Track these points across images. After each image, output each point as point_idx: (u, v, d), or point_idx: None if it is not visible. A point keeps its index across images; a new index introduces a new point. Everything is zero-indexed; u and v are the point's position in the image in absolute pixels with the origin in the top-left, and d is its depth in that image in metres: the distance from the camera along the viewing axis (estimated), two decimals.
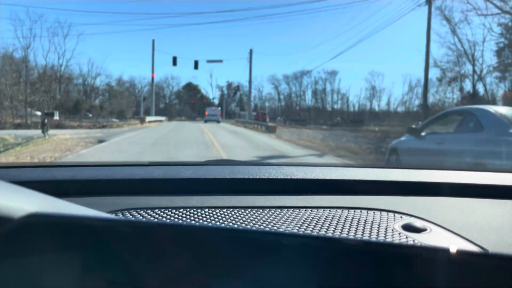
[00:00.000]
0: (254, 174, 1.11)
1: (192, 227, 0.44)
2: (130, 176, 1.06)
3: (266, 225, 0.82)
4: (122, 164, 1.33)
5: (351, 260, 0.39)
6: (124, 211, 0.86)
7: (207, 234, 0.41)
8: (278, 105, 73.66)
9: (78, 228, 0.41)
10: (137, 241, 0.40)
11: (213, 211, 0.88)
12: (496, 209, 0.97)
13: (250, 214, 0.88)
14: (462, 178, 1.20)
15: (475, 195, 1.06)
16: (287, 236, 0.42)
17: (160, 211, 0.88)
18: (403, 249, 0.40)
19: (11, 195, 0.41)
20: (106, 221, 0.44)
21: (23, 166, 1.20)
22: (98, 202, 0.88)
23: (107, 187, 1.00)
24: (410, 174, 1.26)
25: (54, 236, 0.40)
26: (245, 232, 0.44)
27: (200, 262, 0.39)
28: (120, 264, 0.40)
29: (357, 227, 0.83)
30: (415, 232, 0.81)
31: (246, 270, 0.39)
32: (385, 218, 0.89)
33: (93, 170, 1.13)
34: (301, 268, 0.39)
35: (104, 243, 0.40)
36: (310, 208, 0.93)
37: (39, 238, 0.40)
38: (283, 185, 1.08)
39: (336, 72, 65.70)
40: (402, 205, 0.96)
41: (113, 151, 11.04)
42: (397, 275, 0.38)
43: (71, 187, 0.98)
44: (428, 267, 0.37)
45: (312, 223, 0.84)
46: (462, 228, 0.82)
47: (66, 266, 0.40)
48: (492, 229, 0.83)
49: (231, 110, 68.84)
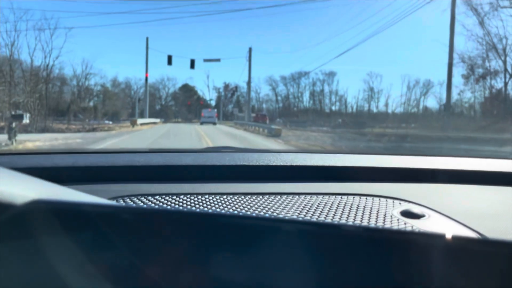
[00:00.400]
0: (254, 161, 1.12)
1: (192, 214, 0.45)
2: (131, 163, 1.06)
3: (266, 212, 0.83)
4: (123, 151, 1.38)
5: (350, 246, 0.39)
6: (125, 197, 0.87)
7: (207, 220, 0.41)
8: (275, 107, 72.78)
9: (79, 215, 0.41)
10: (138, 227, 0.41)
11: (213, 198, 0.89)
12: (494, 196, 0.98)
13: (250, 201, 0.88)
14: (461, 164, 1.21)
15: (473, 181, 1.06)
16: (286, 222, 0.43)
17: (161, 197, 0.88)
18: (402, 235, 0.40)
19: (13, 182, 0.41)
20: (107, 208, 0.45)
21: (25, 153, 1.23)
22: (99, 189, 0.89)
23: (108, 173, 1.01)
24: (409, 161, 1.28)
25: (55, 223, 0.40)
26: (245, 218, 0.44)
27: (201, 248, 0.40)
28: (121, 250, 0.40)
29: (356, 213, 0.84)
30: (413, 218, 0.81)
31: (246, 256, 0.40)
32: (384, 204, 0.89)
33: (95, 157, 1.14)
34: (300, 254, 0.39)
35: (105, 230, 0.40)
36: (309, 195, 0.93)
37: (40, 224, 0.40)
38: (283, 172, 1.09)
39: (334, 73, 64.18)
40: (401, 192, 0.97)
41: None
42: (396, 261, 0.38)
43: (72, 174, 0.99)
44: (426, 253, 0.37)
45: (312, 209, 0.85)
46: (460, 214, 0.83)
47: (68, 252, 0.40)
48: (490, 216, 0.84)
49: (228, 112, 68.20)
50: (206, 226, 0.40)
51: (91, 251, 0.40)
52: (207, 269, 0.39)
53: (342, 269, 0.38)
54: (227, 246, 0.39)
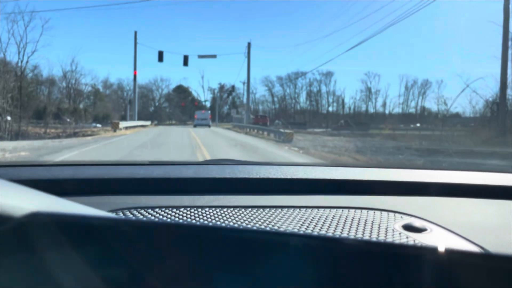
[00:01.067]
0: (254, 173, 1.12)
1: (192, 227, 0.44)
2: (131, 175, 1.06)
3: (266, 225, 0.82)
4: (123, 163, 1.38)
5: (351, 260, 0.38)
6: (124, 210, 0.86)
7: (207, 233, 0.41)
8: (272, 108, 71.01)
9: (78, 227, 0.40)
10: (137, 240, 0.40)
11: (214, 211, 0.88)
12: (495, 210, 0.97)
13: (250, 214, 0.88)
14: (462, 178, 1.20)
15: (475, 195, 1.06)
16: (287, 235, 0.42)
17: (160, 210, 0.88)
18: (404, 249, 0.40)
19: (12, 194, 0.41)
20: (107, 220, 0.44)
21: (24, 165, 1.20)
22: (99, 201, 0.89)
23: (108, 186, 1.01)
24: (411, 174, 1.28)
25: (54, 235, 0.39)
26: (246, 231, 0.43)
27: (201, 261, 0.39)
28: (120, 263, 0.39)
29: (358, 227, 0.83)
30: (415, 232, 0.81)
31: (247, 270, 0.39)
32: (386, 218, 0.89)
33: (94, 169, 1.13)
34: (301, 268, 0.39)
35: (104, 242, 0.40)
36: (310, 208, 0.93)
37: (39, 237, 0.39)
38: (284, 185, 1.09)
39: (332, 74, 63.24)
40: (402, 205, 0.96)
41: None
42: (398, 275, 0.37)
43: (71, 186, 0.98)
44: (428, 267, 0.37)
45: (313, 223, 0.84)
46: (462, 228, 0.82)
47: (67, 265, 0.39)
48: (491, 229, 0.83)
49: (224, 113, 65.43)
50: (205, 239, 0.40)
51: (90, 264, 0.39)
52: (206, 283, 0.39)
53: (342, 283, 0.38)
54: (227, 259, 0.39)
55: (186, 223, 0.46)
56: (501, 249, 0.74)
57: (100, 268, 0.39)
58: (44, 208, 0.42)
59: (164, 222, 0.55)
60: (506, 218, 0.91)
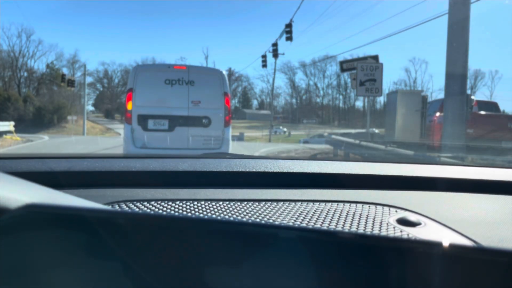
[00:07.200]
0: (250, 167, 1.12)
1: (188, 220, 0.45)
2: (127, 168, 1.06)
3: (262, 218, 0.83)
4: (119, 156, 1.35)
5: (346, 253, 0.39)
6: (120, 203, 0.87)
7: (203, 226, 0.41)
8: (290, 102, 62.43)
9: (74, 220, 0.41)
10: (133, 233, 0.41)
11: (209, 204, 0.89)
12: (489, 204, 0.98)
13: (246, 207, 0.88)
14: (457, 173, 1.21)
15: (469, 190, 1.07)
16: (282, 229, 0.43)
17: (156, 203, 0.88)
18: (398, 243, 0.41)
19: (8, 186, 0.42)
20: (102, 213, 0.45)
21: (20, 157, 1.19)
22: (94, 194, 0.89)
23: (104, 179, 1.01)
24: (406, 169, 1.28)
25: (50, 227, 0.40)
26: (241, 224, 0.44)
27: (196, 254, 0.40)
28: (115, 255, 0.40)
29: (352, 220, 0.84)
30: (409, 226, 0.82)
31: (242, 263, 0.40)
32: (380, 212, 0.89)
33: (90, 162, 1.13)
34: (296, 261, 0.39)
35: (100, 235, 0.40)
36: (306, 202, 0.93)
37: (35, 229, 0.40)
38: (279, 179, 1.09)
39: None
40: (397, 199, 0.97)
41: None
42: (392, 269, 0.38)
43: (68, 179, 0.98)
44: (422, 260, 0.37)
45: (308, 216, 0.85)
46: (456, 222, 0.83)
47: (62, 257, 0.40)
48: (485, 224, 0.84)
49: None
50: (201, 232, 0.40)
51: (85, 256, 0.40)
52: (202, 275, 0.39)
53: (337, 276, 0.38)
54: (222, 252, 0.40)
55: (182, 216, 0.47)
56: (495, 243, 0.75)
57: (95, 260, 0.40)
58: (39, 200, 0.42)
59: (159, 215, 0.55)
60: (500, 213, 0.92)
